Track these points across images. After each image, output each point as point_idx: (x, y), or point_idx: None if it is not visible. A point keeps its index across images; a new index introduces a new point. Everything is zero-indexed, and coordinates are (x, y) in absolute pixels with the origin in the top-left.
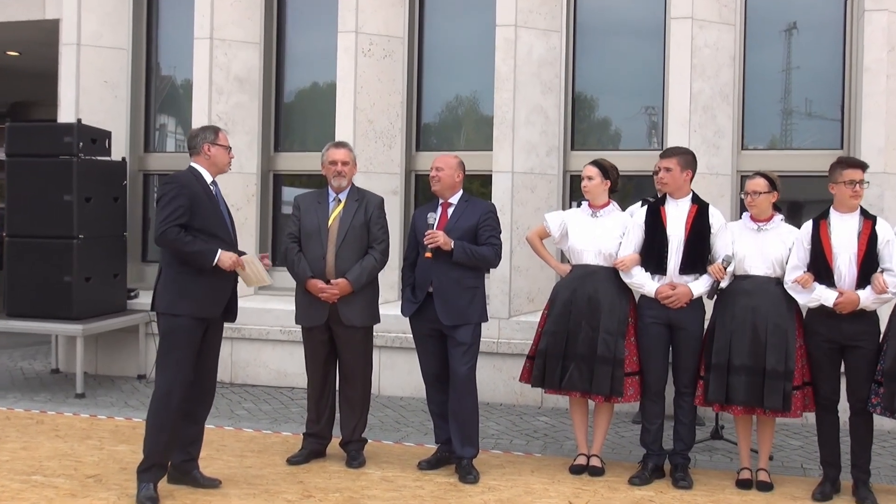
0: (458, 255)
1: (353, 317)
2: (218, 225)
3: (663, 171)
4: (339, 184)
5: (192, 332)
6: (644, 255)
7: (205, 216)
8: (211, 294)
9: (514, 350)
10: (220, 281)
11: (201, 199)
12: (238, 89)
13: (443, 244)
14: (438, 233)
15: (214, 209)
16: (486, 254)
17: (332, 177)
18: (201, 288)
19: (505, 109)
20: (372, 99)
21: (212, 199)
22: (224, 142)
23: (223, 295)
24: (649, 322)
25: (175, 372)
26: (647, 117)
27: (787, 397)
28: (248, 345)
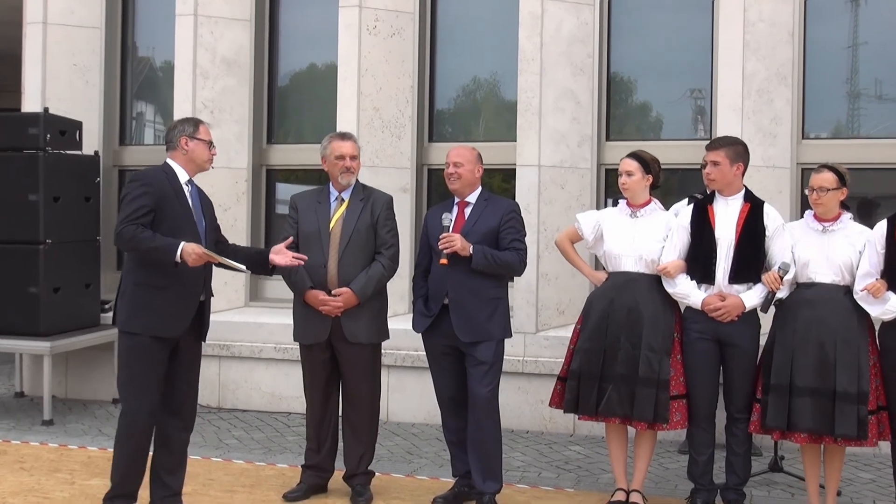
0: (478, 261)
1: (358, 333)
2: (187, 231)
3: (710, 166)
4: (349, 181)
5: (153, 352)
6: (689, 261)
7: (172, 220)
8: (171, 309)
9: (543, 370)
10: (183, 292)
11: (170, 200)
12: (226, 73)
13: (460, 249)
14: (455, 236)
15: (185, 213)
16: (510, 260)
17: (340, 173)
18: (160, 302)
19: (530, 94)
20: (378, 83)
21: (182, 201)
22: (205, 136)
23: (186, 310)
24: (696, 337)
25: (135, 396)
26: (694, 102)
27: (862, 423)
28: (238, 364)
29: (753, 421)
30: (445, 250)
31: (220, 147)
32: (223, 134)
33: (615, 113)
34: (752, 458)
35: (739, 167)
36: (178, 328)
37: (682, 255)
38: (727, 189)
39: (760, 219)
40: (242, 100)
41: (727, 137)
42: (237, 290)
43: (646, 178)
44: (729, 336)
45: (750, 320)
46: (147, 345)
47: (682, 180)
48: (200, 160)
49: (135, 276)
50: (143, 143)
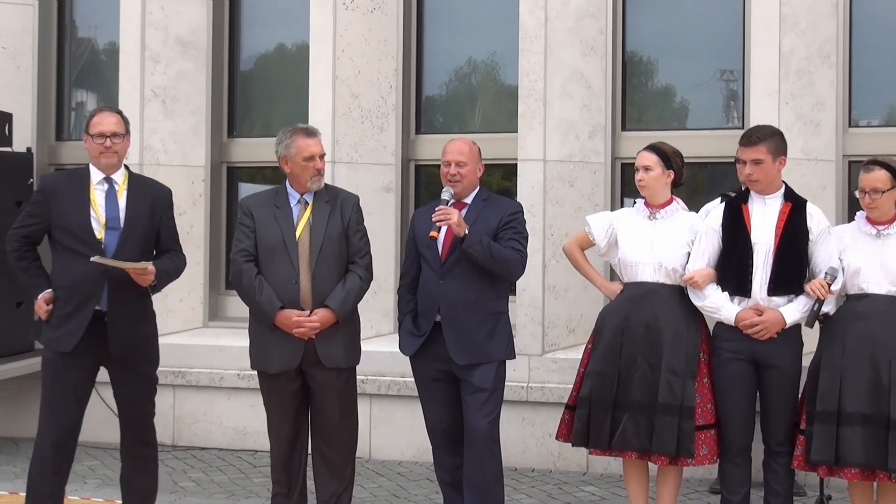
0: (473, 243)
1: (336, 356)
2: (81, 241)
3: (751, 165)
4: (320, 185)
5: (59, 370)
6: (721, 270)
7: (67, 230)
8: (64, 321)
9: (551, 398)
10: (73, 300)
11: (63, 200)
12: (180, 55)
13: (455, 224)
14: (453, 210)
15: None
16: (509, 256)
17: (311, 178)
18: (56, 313)
19: (533, 78)
20: (357, 66)
21: (81, 206)
22: (93, 127)
23: (76, 322)
24: (728, 358)
25: (43, 423)
26: (724, 85)
27: None
28: (195, 395)
29: (796, 455)
30: (439, 223)
31: (174, 142)
32: (177, 126)
33: (632, 99)
34: (795, 499)
35: (782, 161)
36: (69, 341)
37: (711, 263)
38: (767, 188)
39: (803, 220)
40: (199, 87)
41: (764, 128)
42: (194, 308)
43: (666, 173)
44: (767, 356)
45: (791, 338)
46: (53, 362)
47: (712, 176)
48: (92, 157)
49: None
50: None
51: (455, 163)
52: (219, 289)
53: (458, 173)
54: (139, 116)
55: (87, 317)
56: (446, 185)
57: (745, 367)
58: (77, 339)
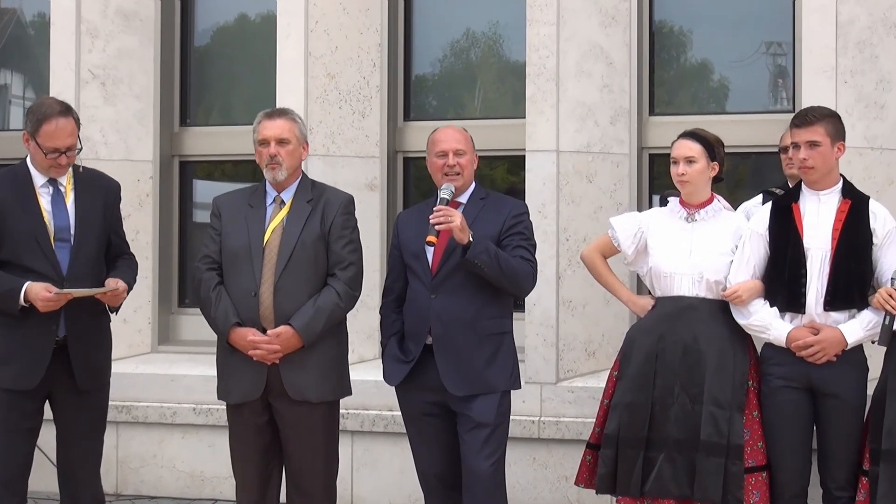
0: (479, 252)
1: (305, 387)
2: (33, 249)
3: (805, 149)
4: (275, 177)
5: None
6: (768, 282)
7: (15, 239)
8: (18, 355)
9: (566, 434)
10: (31, 330)
11: (11, 211)
12: (123, 29)
13: (458, 228)
14: (455, 211)
15: (33, 225)
16: (519, 267)
17: (265, 166)
18: (6, 345)
19: (543, 53)
20: (334, 41)
21: (31, 210)
22: (45, 140)
23: (38, 356)
24: (779, 386)
25: None
26: (771, 60)
27: None
28: (143, 433)
29: (859, 501)
30: (438, 226)
31: (116, 132)
32: (119, 113)
33: (661, 77)
34: None
35: (840, 147)
36: (30, 378)
37: (757, 274)
38: (822, 180)
39: (865, 220)
40: (145, 66)
41: (820, 108)
42: (141, 330)
43: (711, 166)
44: (825, 383)
45: (854, 362)
46: (3, 399)
47: (757, 168)
48: (40, 167)
49: None
50: (7, 127)
51: (453, 152)
52: (170, 306)
53: (457, 164)
54: (74, 102)
55: (49, 347)
56: (443, 181)
57: (799, 397)
58: (42, 373)
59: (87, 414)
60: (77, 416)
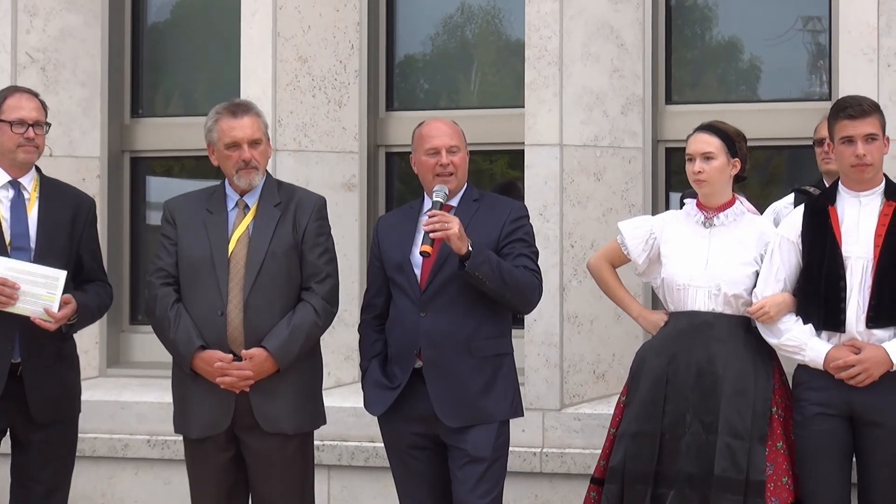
0: (479, 263)
1: (279, 417)
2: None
3: (864, 144)
4: (251, 181)
5: None
6: (802, 296)
7: None
8: None
9: (572, 467)
10: None
11: None
12: (65, 6)
13: (455, 237)
14: (452, 217)
15: None
16: (524, 279)
17: (237, 171)
18: None
19: (545, 33)
20: (306, 18)
21: None
22: (9, 113)
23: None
24: (814, 413)
25: None
26: (808, 37)
27: None
28: (91, 468)
29: None
30: (433, 233)
31: (58, 124)
32: (61, 103)
33: (680, 60)
34: None
35: (887, 142)
36: None
37: (788, 287)
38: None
39: None
40: (91, 49)
41: (862, 98)
42: (87, 351)
43: (732, 163)
44: (868, 409)
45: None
46: None
47: (792, 163)
48: (6, 150)
49: None
50: None
51: (447, 149)
52: (120, 324)
53: (451, 163)
54: None
55: (4, 372)
56: (434, 182)
57: (838, 426)
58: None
59: (48, 453)
60: (36, 456)
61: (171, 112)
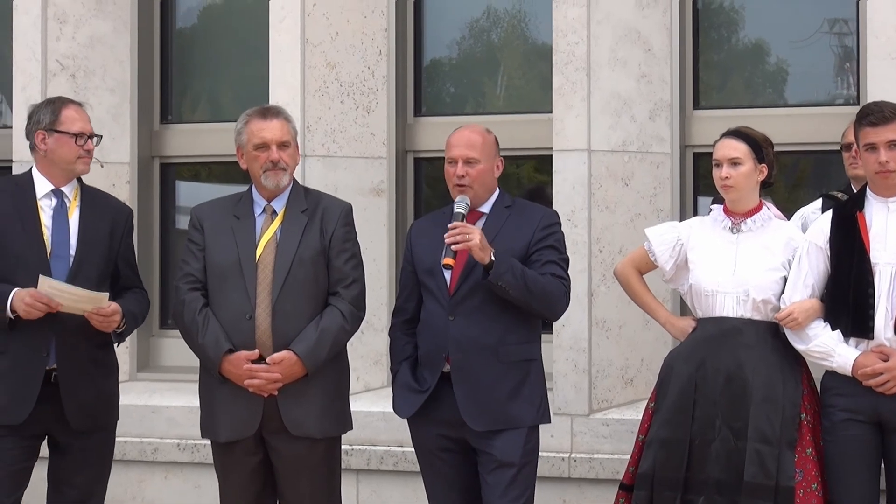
0: (502, 273)
1: (306, 421)
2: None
3: (887, 151)
4: (278, 183)
5: None
6: (830, 302)
7: (8, 251)
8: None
9: (601, 473)
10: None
11: (4, 224)
12: (95, 13)
13: (477, 248)
14: (473, 228)
15: (30, 242)
16: (550, 287)
17: (264, 172)
18: None
19: (572, 38)
20: (335, 25)
21: (30, 224)
22: (70, 125)
23: (25, 386)
24: (843, 419)
25: None
26: (835, 40)
27: None
28: (121, 472)
29: None
30: (454, 245)
31: None
32: (91, 110)
33: (708, 63)
34: None
35: None
36: (19, 412)
37: (816, 293)
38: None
39: None
40: (121, 56)
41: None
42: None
43: (759, 168)
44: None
45: None
46: None
47: (819, 168)
48: (64, 161)
49: None
50: None
51: (463, 160)
52: (151, 329)
53: (466, 174)
54: (41, 95)
55: (38, 376)
56: (454, 191)
57: (867, 432)
58: (30, 406)
59: (85, 459)
60: (73, 461)
61: (200, 118)
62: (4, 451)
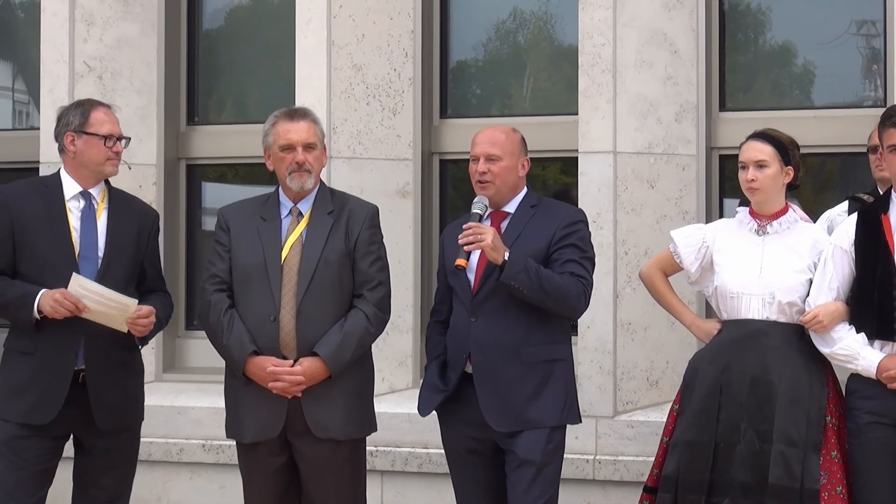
0: (515, 273)
1: (330, 423)
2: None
3: None
4: (303, 185)
5: (21, 447)
6: (855, 304)
7: (35, 256)
8: (37, 385)
9: (625, 475)
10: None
11: (33, 227)
12: (122, 15)
13: (489, 247)
14: (486, 228)
15: (59, 244)
16: (565, 285)
17: (290, 174)
18: (25, 376)
19: (598, 40)
20: (361, 27)
21: (59, 226)
22: (99, 126)
23: (54, 386)
24: (867, 423)
25: None
26: (862, 41)
27: None
28: (146, 472)
29: None
30: (467, 246)
31: None
32: (118, 111)
33: (734, 65)
34: None
35: None
36: (47, 412)
37: (841, 296)
38: None
39: None
40: (148, 57)
41: None
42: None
43: (785, 171)
44: None
45: None
46: (13, 436)
47: (846, 170)
48: (94, 163)
49: (6, 336)
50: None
51: (484, 157)
52: (177, 329)
53: (488, 171)
54: (68, 97)
55: (67, 377)
56: (477, 188)
57: (891, 435)
58: (58, 406)
59: (110, 460)
60: (98, 462)
61: (226, 120)
62: (29, 451)
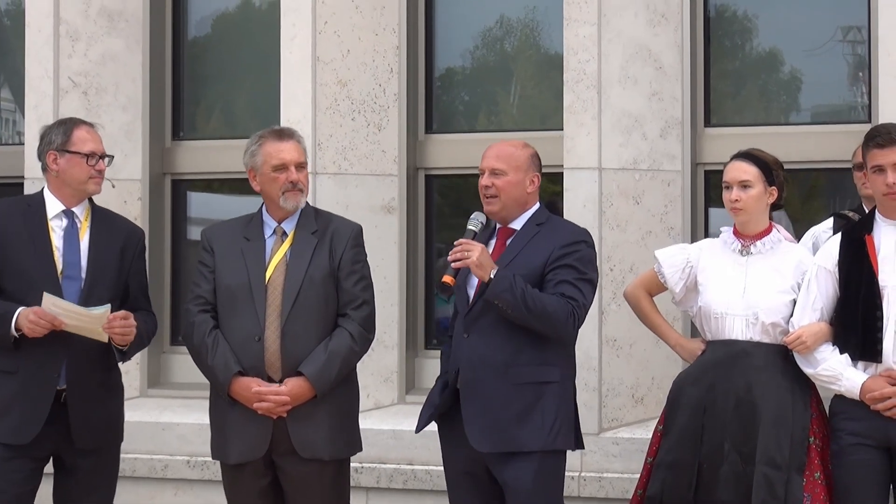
0: (499, 292)
1: (316, 443)
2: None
3: (893, 172)
4: (297, 204)
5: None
6: (839, 325)
7: (18, 275)
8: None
9: (610, 492)
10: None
11: (14, 246)
12: (107, 31)
13: (475, 265)
14: (475, 245)
15: (40, 263)
16: (551, 305)
17: (284, 193)
18: (6, 394)
19: (583, 56)
20: (346, 42)
21: (41, 245)
22: (81, 145)
23: (36, 406)
24: (851, 444)
25: None
26: (849, 49)
27: None
28: (131, 488)
29: None
30: (455, 263)
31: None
32: (103, 126)
33: (719, 80)
34: None
35: None
36: (29, 431)
37: (825, 317)
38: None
39: None
40: (133, 73)
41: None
42: (128, 372)
43: (769, 191)
44: None
45: None
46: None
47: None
48: (76, 181)
49: None
50: None
51: (489, 170)
52: (162, 345)
53: (492, 185)
54: (53, 113)
55: (48, 397)
56: (485, 205)
57: (875, 457)
58: (38, 425)
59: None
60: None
61: (212, 135)
62: (12, 473)
